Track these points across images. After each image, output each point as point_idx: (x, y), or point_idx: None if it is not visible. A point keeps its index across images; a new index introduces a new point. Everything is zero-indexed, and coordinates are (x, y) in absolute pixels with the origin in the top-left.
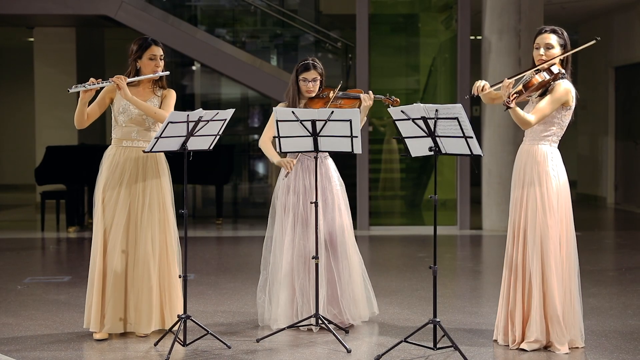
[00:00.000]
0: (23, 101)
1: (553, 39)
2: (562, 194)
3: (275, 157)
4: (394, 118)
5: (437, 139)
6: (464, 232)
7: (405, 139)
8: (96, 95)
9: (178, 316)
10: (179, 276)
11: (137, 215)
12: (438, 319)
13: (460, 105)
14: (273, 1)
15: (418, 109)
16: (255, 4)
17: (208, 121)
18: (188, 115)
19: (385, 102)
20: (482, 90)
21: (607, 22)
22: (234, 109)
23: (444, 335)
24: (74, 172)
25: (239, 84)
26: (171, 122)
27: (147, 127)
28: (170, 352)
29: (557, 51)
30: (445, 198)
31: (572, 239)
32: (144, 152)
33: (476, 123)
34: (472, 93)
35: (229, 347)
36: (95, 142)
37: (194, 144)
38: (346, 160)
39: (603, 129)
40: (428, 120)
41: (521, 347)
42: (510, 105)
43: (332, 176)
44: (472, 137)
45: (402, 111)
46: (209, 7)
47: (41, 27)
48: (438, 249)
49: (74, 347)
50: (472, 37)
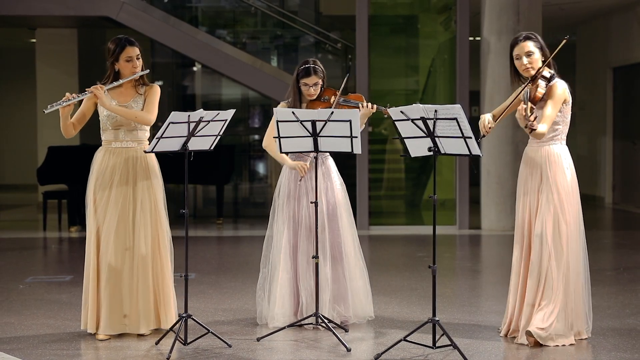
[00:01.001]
0: (25, 101)
1: (531, 45)
2: (575, 190)
3: (288, 161)
4: (394, 118)
5: (436, 139)
6: (462, 231)
7: (405, 139)
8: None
9: (179, 315)
10: (180, 275)
11: (129, 216)
12: (437, 318)
13: (459, 105)
14: (273, 2)
15: (417, 110)
16: (255, 5)
17: (209, 122)
18: (189, 115)
19: (385, 113)
20: (490, 127)
21: (605, 23)
22: (234, 110)
23: (443, 334)
24: (75, 172)
25: (240, 85)
26: (172, 123)
27: (133, 127)
28: (171, 351)
29: (538, 56)
30: (445, 198)
31: (582, 235)
32: (145, 152)
33: (475, 123)
34: (482, 135)
35: (230, 346)
36: (96, 142)
37: (195, 144)
38: (346, 161)
39: (601, 129)
40: (427, 120)
41: (530, 330)
42: (534, 128)
43: (332, 176)
44: (471, 138)
45: (401, 112)
46: (210, 8)
47: (43, 28)
48: (437, 248)
49: (76, 346)
50: (471, 38)
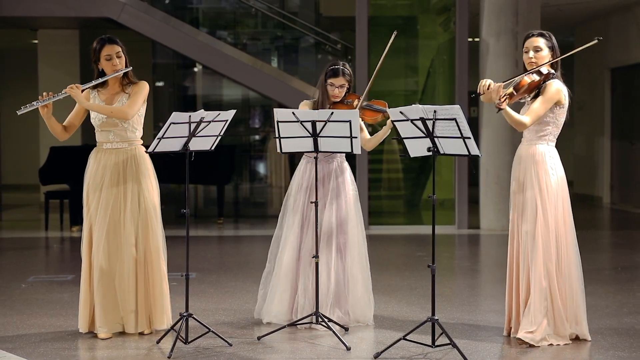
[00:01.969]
0: (27, 102)
1: (541, 42)
2: (561, 192)
3: None
4: (393, 119)
5: (436, 139)
6: (462, 231)
7: (404, 140)
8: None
9: (180, 314)
10: (181, 275)
11: (119, 217)
12: (436, 317)
13: (458, 106)
14: (274, 3)
15: (417, 110)
16: (256, 7)
17: (210, 122)
18: (190, 116)
19: None
20: (488, 88)
21: (603, 24)
22: (235, 110)
23: (442, 333)
24: (77, 172)
25: (240, 86)
26: (173, 123)
27: (120, 127)
28: (172, 350)
29: (546, 53)
30: (444, 198)
31: (572, 236)
32: (147, 152)
33: (474, 124)
34: (478, 92)
35: (230, 345)
36: None
37: (196, 145)
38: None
39: (599, 129)
40: (426, 121)
41: (519, 337)
42: (501, 107)
43: (347, 180)
44: (470, 138)
45: (400, 112)
46: (211, 9)
47: (45, 29)
48: (436, 248)
49: (77, 344)
50: (470, 39)
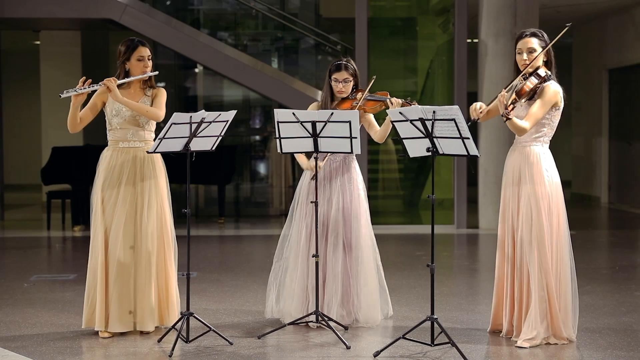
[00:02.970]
0: (30, 103)
1: (535, 42)
2: (555, 194)
3: (303, 161)
4: (393, 119)
5: (435, 139)
6: (460, 231)
7: (404, 140)
8: (88, 99)
9: (181, 313)
10: (182, 274)
11: (137, 215)
12: (435, 316)
13: (457, 106)
14: (274, 5)
15: (416, 111)
16: (256, 8)
17: (210, 122)
18: (191, 116)
19: (404, 105)
20: (480, 112)
21: (601, 25)
22: (235, 111)
23: (441, 332)
24: (79, 172)
25: (241, 86)
26: (174, 124)
27: (141, 126)
28: (173, 349)
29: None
30: (443, 198)
31: (566, 239)
32: (148, 152)
33: (473, 124)
34: (472, 119)
35: (231, 344)
36: (100, 142)
37: (197, 145)
38: None
39: (597, 130)
40: (426, 121)
41: (520, 345)
42: (509, 117)
43: (355, 180)
44: (468, 138)
45: (400, 112)
46: (212, 10)
47: (47, 30)
48: (435, 247)
49: (79, 343)
50: (468, 40)
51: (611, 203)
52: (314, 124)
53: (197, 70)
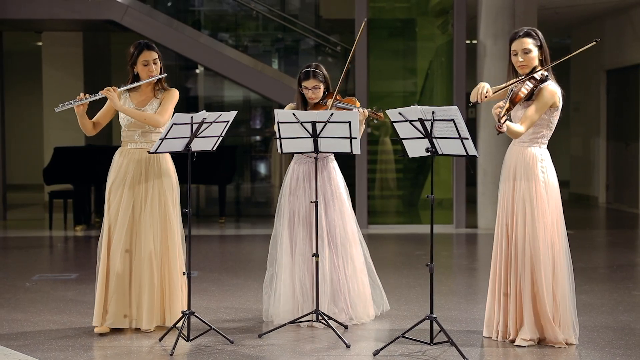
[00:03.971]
0: (32, 103)
1: (529, 42)
2: (552, 194)
3: None
4: (392, 120)
5: (434, 140)
6: (459, 230)
7: (403, 140)
8: (103, 102)
9: (182, 312)
10: (183, 273)
11: (139, 215)
12: (435, 315)
13: (456, 107)
14: (274, 6)
15: (415, 111)
16: (257, 9)
17: (211, 123)
18: (192, 117)
19: (371, 116)
20: (485, 96)
21: (599, 26)
22: (236, 111)
23: (440, 331)
24: (81, 172)
25: (241, 87)
26: (175, 124)
27: (147, 129)
28: (174, 347)
29: (536, 54)
30: (442, 197)
31: (563, 239)
32: (149, 152)
33: (472, 124)
34: (476, 100)
35: (232, 342)
36: (101, 143)
37: (198, 145)
38: (345, 161)
39: (595, 130)
40: (425, 122)
41: (518, 344)
42: (501, 130)
43: (335, 178)
44: (467, 139)
45: (399, 113)
46: (212, 12)
47: (49, 31)
48: (434, 247)
49: (81, 342)
50: (467, 42)
51: (609, 203)
52: (314, 124)
53: (198, 71)
